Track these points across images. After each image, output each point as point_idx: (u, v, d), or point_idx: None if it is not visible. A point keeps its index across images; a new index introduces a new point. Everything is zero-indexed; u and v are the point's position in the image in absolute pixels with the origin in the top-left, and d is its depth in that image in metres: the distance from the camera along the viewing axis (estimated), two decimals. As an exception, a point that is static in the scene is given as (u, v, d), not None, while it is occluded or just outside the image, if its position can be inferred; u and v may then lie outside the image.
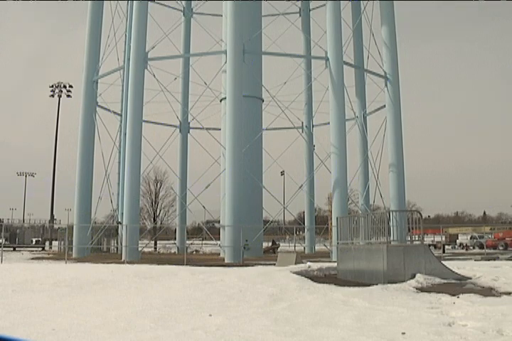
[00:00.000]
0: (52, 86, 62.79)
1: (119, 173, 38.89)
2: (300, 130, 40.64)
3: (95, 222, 37.93)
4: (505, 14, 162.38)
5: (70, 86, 62.26)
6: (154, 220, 60.24)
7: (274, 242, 43.62)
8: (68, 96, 62.17)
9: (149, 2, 34.62)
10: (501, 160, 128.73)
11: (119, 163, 38.73)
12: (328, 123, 33.13)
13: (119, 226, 35.59)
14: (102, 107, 38.08)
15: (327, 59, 32.46)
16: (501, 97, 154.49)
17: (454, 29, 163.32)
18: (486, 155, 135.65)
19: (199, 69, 39.54)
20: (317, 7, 41.68)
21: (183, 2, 44.30)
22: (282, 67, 39.15)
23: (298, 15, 43.38)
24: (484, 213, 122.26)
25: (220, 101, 36.44)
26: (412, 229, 17.57)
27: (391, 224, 17.63)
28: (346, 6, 38.54)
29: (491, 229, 58.02)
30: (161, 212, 61.64)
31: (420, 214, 18.16)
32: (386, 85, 36.37)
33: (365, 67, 38.36)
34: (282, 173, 67.50)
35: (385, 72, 36.37)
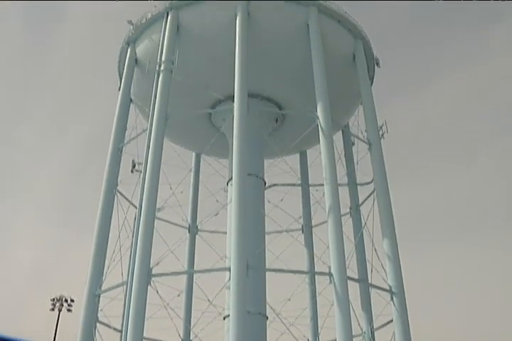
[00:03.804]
0: (54, 299, 62.42)
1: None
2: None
3: None
4: None
5: (72, 300, 61.93)
6: None
7: None
8: (69, 310, 61.54)
9: (156, 220, 35.75)
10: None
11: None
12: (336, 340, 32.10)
13: None
14: (102, 323, 37.21)
15: (331, 275, 32.49)
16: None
17: (460, 238, 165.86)
18: None
19: (203, 284, 39.40)
20: (319, 224, 43.11)
21: (189, 219, 46.15)
22: (286, 281, 39.04)
23: (301, 231, 44.68)
24: None
25: (224, 318, 35.83)
26: None
27: None
28: (347, 221, 39.87)
29: None
30: None
31: None
32: (392, 299, 35.84)
33: (370, 280, 38.29)
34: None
35: (390, 286, 36.12)
